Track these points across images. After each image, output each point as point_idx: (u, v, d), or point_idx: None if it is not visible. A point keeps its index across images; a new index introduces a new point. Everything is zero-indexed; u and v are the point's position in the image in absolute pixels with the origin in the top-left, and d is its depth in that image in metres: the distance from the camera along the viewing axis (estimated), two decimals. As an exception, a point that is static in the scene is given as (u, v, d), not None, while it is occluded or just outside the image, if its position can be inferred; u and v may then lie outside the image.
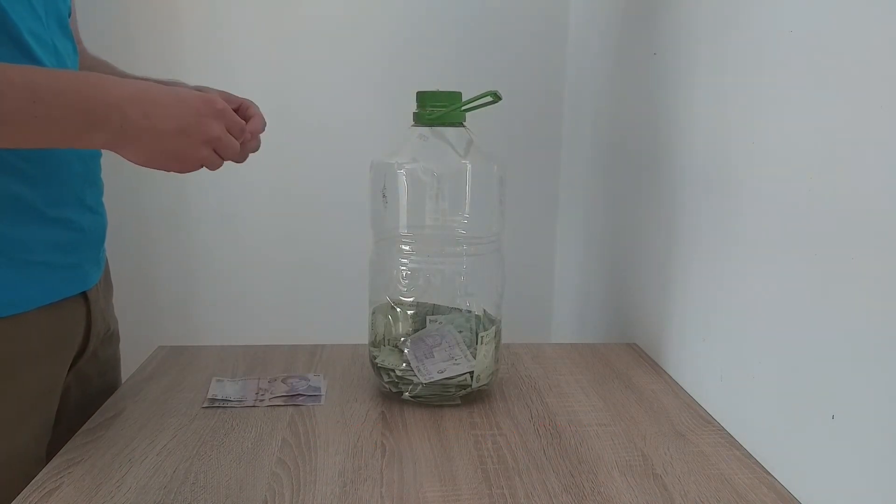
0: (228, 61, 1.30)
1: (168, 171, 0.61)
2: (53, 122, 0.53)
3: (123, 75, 0.74)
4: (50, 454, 0.63)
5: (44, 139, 0.55)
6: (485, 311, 0.72)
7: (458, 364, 0.69)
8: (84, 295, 0.70)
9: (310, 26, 1.31)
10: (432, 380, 0.69)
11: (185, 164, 0.61)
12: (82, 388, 0.73)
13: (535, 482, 0.57)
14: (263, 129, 0.70)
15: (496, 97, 0.67)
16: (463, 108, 0.69)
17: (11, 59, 0.57)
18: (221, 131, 0.62)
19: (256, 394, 0.73)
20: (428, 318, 0.70)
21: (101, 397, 0.73)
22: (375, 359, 0.73)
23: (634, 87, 0.96)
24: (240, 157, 0.67)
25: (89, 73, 0.58)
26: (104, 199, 0.75)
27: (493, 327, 0.72)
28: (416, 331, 0.71)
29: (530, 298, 1.44)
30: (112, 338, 0.79)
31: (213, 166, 0.63)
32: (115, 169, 0.79)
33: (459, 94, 0.69)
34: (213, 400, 0.72)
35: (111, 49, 0.91)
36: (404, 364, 0.70)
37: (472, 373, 0.70)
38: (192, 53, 1.29)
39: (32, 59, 0.60)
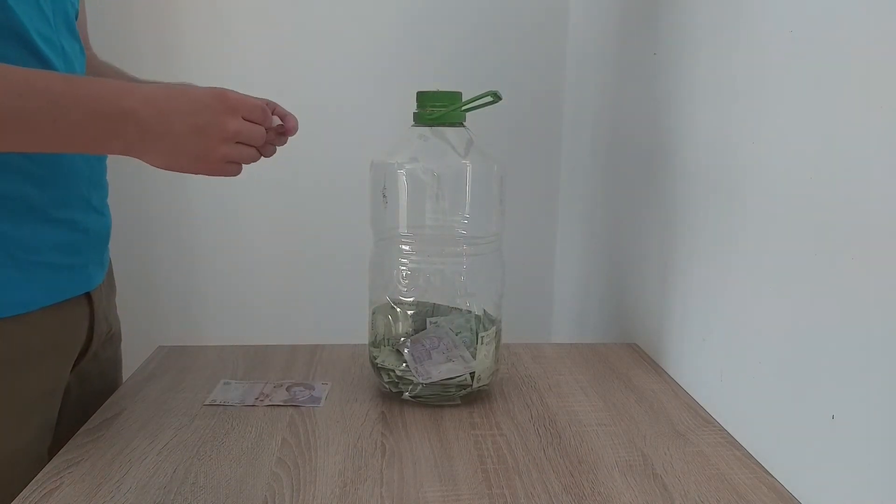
0: (229, 62, 1.30)
1: (196, 173, 0.60)
2: (72, 128, 0.53)
3: (132, 80, 0.74)
4: (50, 454, 0.63)
5: (62, 145, 0.55)
6: (485, 311, 0.72)
7: (457, 365, 0.69)
8: (88, 295, 0.70)
9: (310, 26, 1.31)
10: (432, 381, 0.69)
11: (209, 165, 0.60)
12: (83, 388, 0.73)
13: (535, 482, 0.57)
14: (296, 129, 0.68)
15: (496, 97, 0.67)
16: (463, 108, 0.69)
17: (20, 60, 0.57)
18: (240, 124, 0.60)
19: (257, 397, 0.73)
20: (428, 319, 0.70)
21: (101, 397, 0.73)
22: (375, 359, 0.73)
23: (634, 87, 0.96)
24: (267, 149, 0.64)
25: (104, 79, 0.57)
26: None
27: (494, 327, 0.72)
28: (416, 331, 0.71)
29: (530, 298, 1.44)
30: (113, 338, 0.79)
31: (245, 159, 0.62)
32: (117, 170, 0.79)
33: (459, 94, 0.69)
34: (214, 403, 0.72)
35: (113, 49, 0.91)
36: (404, 364, 0.70)
37: (472, 373, 0.70)
38: (193, 53, 1.28)
39: (41, 59, 0.60)
